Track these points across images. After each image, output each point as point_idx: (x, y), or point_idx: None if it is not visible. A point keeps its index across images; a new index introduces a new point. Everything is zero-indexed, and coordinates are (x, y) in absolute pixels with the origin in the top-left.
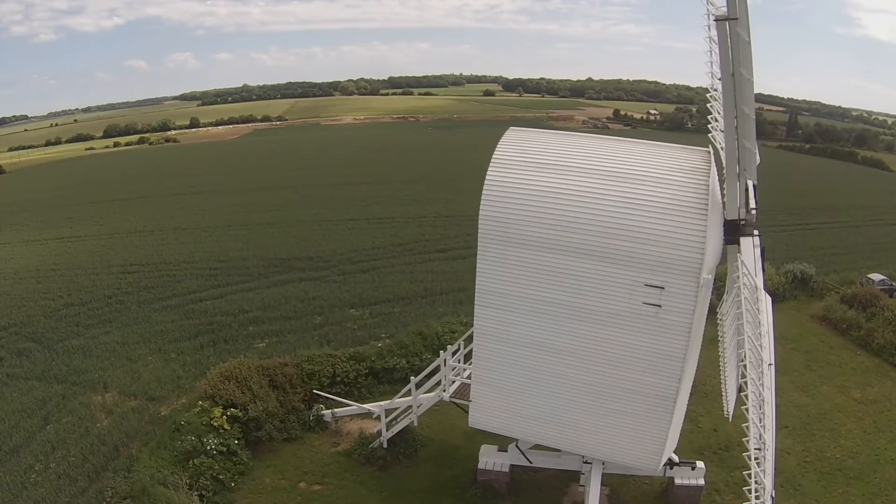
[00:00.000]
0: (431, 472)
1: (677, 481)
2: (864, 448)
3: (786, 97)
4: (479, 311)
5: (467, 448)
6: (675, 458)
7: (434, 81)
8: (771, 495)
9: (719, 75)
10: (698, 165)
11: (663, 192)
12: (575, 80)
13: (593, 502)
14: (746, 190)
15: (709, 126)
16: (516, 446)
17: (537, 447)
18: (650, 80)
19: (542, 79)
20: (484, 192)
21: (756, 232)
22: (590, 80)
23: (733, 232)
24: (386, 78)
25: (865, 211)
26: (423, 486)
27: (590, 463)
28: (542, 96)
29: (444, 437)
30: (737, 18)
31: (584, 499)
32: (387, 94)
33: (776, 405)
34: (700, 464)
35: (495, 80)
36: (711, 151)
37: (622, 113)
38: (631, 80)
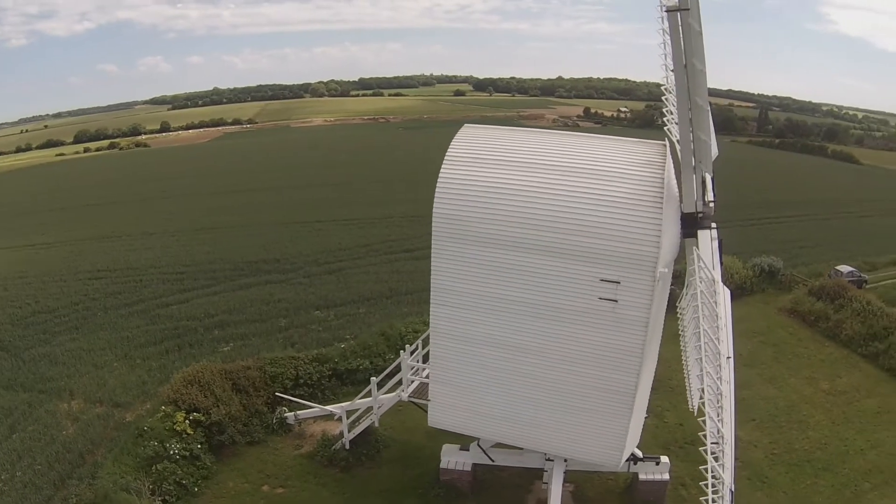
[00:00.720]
0: (394, 472)
1: (641, 476)
2: (832, 439)
3: (757, 93)
4: (435, 309)
5: (430, 448)
6: (639, 454)
7: (405, 82)
8: (730, 489)
9: (672, 67)
10: (653, 159)
11: (618, 187)
12: (545, 78)
13: (556, 500)
14: (703, 182)
15: (664, 119)
16: (478, 445)
17: (499, 445)
18: (620, 77)
19: (512, 78)
20: (437, 189)
21: (714, 225)
22: (560, 78)
23: (691, 225)
24: (356, 79)
25: (835, 204)
26: (386, 486)
27: (552, 460)
28: (513, 95)
29: (408, 437)
30: (688, 9)
31: (548, 496)
32: (357, 96)
33: (738, 398)
34: (665, 458)
35: (466, 79)
36: (667, 144)
37: (592, 111)
38: (601, 78)
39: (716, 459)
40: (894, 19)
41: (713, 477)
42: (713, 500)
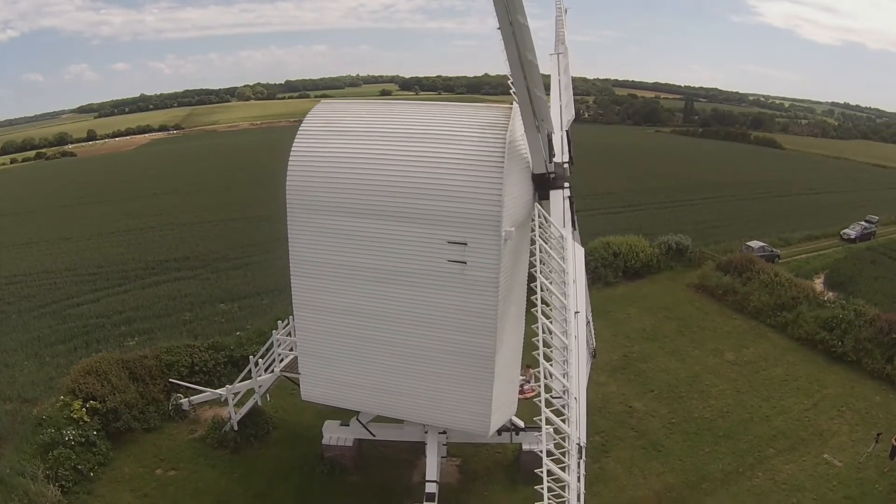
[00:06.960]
0: (282, 452)
1: (525, 447)
2: (735, 407)
3: (683, 85)
4: (295, 280)
5: (318, 427)
6: (521, 423)
7: (331, 83)
8: (577, 444)
9: (499, 26)
10: (497, 121)
11: (460, 149)
12: (471, 76)
13: (432, 469)
14: (549, 141)
15: (508, 81)
16: (357, 419)
17: (379, 419)
18: (545, 73)
19: (438, 76)
20: (289, 162)
21: (566, 185)
22: (486, 75)
23: (543, 186)
24: (283, 82)
25: (753, 185)
26: (273, 465)
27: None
28: (439, 94)
29: (297, 417)
30: None
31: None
32: (283, 99)
33: (638, 371)
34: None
35: (392, 79)
36: (515, 107)
37: None
38: None
39: (557, 414)
40: (818, 10)
41: (550, 428)
42: (548, 453)
